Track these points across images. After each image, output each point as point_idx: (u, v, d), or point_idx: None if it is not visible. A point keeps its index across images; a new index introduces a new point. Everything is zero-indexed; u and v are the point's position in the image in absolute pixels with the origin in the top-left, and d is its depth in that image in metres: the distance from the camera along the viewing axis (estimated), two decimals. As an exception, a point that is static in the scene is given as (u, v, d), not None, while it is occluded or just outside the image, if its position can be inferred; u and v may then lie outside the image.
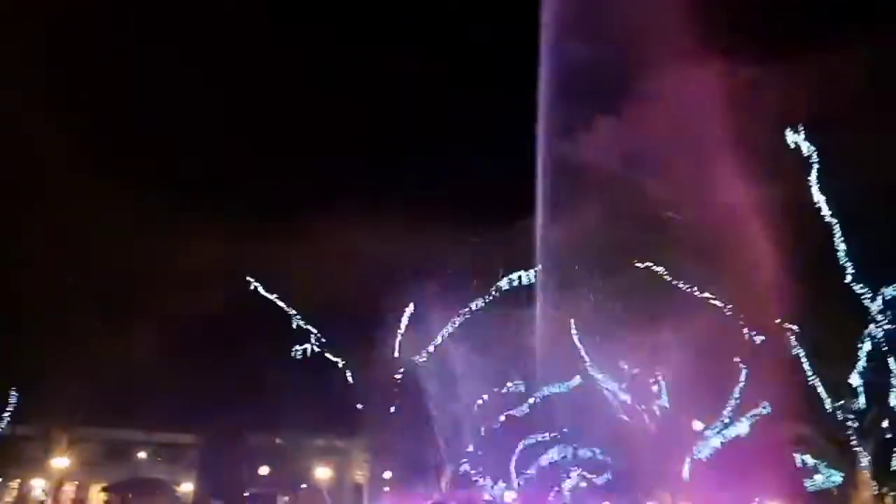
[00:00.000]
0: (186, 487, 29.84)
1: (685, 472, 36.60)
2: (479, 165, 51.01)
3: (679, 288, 37.03)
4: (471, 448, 40.82)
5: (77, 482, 20.47)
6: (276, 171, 52.36)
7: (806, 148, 34.86)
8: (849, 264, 34.27)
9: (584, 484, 40.86)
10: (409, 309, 46.89)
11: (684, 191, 35.14)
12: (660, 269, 37.60)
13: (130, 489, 26.15)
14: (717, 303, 36.45)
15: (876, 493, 36.60)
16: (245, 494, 24.19)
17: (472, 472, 40.35)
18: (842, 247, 34.37)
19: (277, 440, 28.41)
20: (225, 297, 37.57)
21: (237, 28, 52.24)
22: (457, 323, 46.30)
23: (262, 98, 53.11)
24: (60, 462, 20.68)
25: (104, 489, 26.00)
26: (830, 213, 34.56)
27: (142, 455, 22.49)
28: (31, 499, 20.58)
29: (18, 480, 20.42)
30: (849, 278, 34.25)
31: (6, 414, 37.77)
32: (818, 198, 34.68)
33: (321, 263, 41.77)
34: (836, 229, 34.44)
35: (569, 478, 40.33)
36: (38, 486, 20.89)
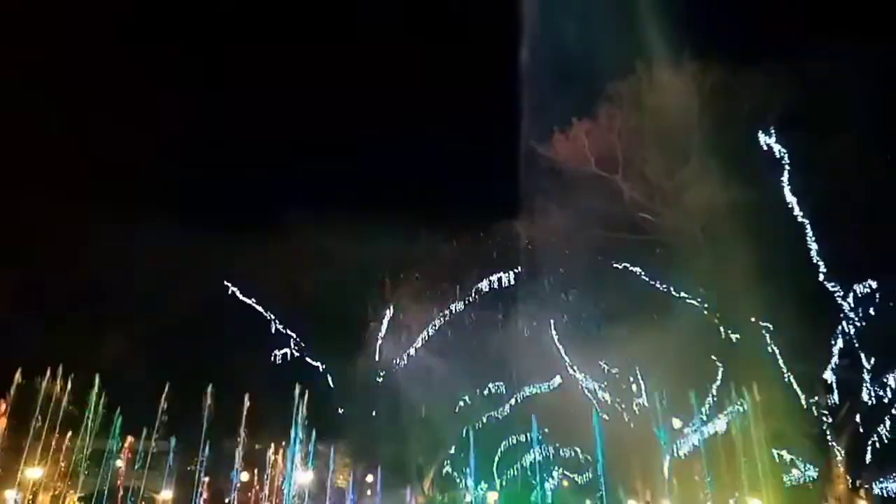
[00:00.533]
0: (166, 495, 29.55)
1: (665, 469, 37.00)
2: (457, 169, 51.30)
3: (656, 288, 37.48)
4: (453, 450, 40.86)
5: (53, 492, 20.13)
6: (254, 174, 52.17)
7: (777, 149, 35.53)
8: (821, 263, 34.95)
9: (565, 483, 41.15)
10: (389, 312, 46.88)
11: (659, 192, 35.61)
12: (636, 269, 38.03)
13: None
14: (693, 302, 36.95)
15: (851, 486, 37.27)
16: (226, 501, 23.96)
17: (455, 473, 40.44)
18: (814, 246, 35.06)
19: (257, 445, 28.19)
20: (202, 302, 37.29)
21: (208, 21, 52.05)
22: (437, 325, 46.38)
23: (237, 98, 52.90)
24: (35, 472, 20.31)
25: (80, 499, 25.61)
26: (802, 213, 35.25)
27: (119, 463, 22.18)
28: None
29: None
30: (821, 276, 34.93)
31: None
32: (790, 198, 35.34)
33: (300, 268, 41.60)
34: (808, 229, 35.12)
35: (551, 477, 40.58)
36: (10, 497, 20.46)
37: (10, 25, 35.59)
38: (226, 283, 42.30)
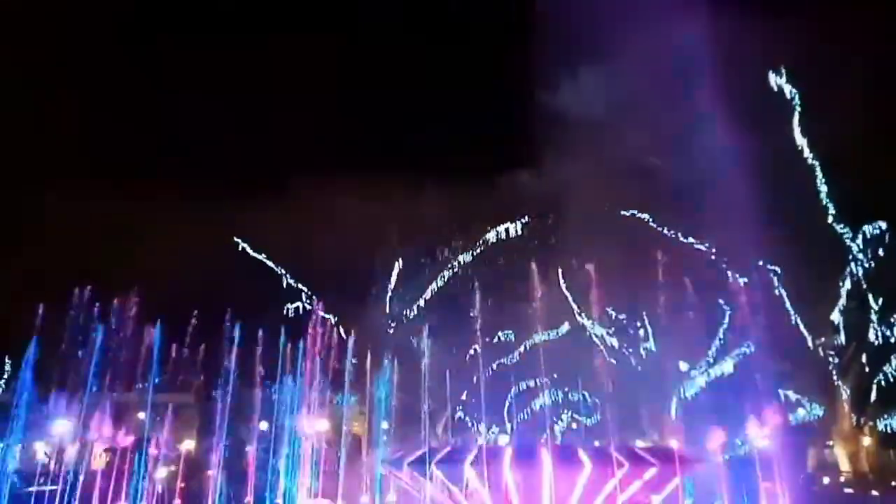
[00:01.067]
0: (189, 445, 30.52)
1: (672, 411, 37.75)
2: (463, 120, 50.69)
3: (664, 234, 37.55)
4: (465, 397, 41.70)
5: (79, 444, 20.83)
6: (262, 132, 51.85)
7: (788, 90, 35.02)
8: (830, 205, 34.88)
9: (574, 426, 42.04)
10: (398, 265, 47.21)
11: (669, 137, 35.28)
12: (644, 215, 38.03)
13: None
14: (701, 247, 37.07)
15: (855, 424, 38.06)
16: (246, 449, 24.72)
17: (467, 419, 41.39)
18: (823, 188, 34.92)
19: (274, 396, 28.87)
20: (214, 259, 37.64)
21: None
22: (445, 277, 46.72)
23: (245, 58, 52.10)
24: (62, 425, 20.98)
25: (106, 450, 26.44)
26: (812, 155, 34.98)
27: (142, 416, 22.89)
28: (36, 461, 20.94)
29: (20, 445, 20.68)
30: (830, 219, 34.91)
31: (2, 381, 38.24)
32: (800, 140, 35.02)
33: (309, 223, 41.74)
34: (818, 171, 34.92)
35: (560, 420, 41.45)
36: (40, 449, 21.21)
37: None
38: (235, 238, 42.62)
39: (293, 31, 53.41)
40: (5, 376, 38.23)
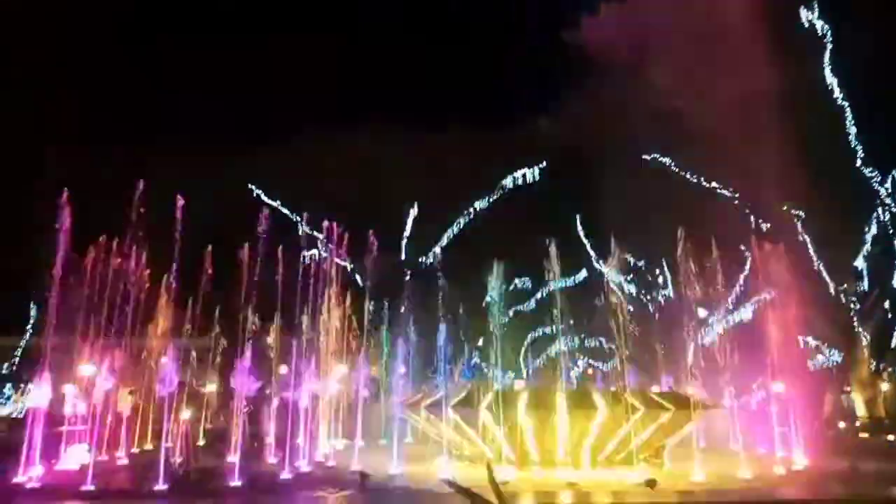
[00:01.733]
0: (211, 387, 31.39)
1: (689, 357, 37.82)
2: (484, 62, 49.34)
3: (687, 178, 36.75)
4: (481, 342, 42.16)
5: (105, 387, 21.46)
6: (276, 77, 50.98)
7: (820, 26, 33.43)
8: (859, 148, 33.76)
9: (590, 371, 42.48)
10: (414, 211, 47.02)
11: (693, 78, 34.04)
12: (666, 160, 37.17)
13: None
14: (724, 192, 36.29)
15: (874, 370, 37.94)
16: (267, 391, 25.31)
17: (483, 364, 41.95)
18: (852, 130, 33.72)
19: (294, 341, 29.36)
20: (228, 206, 37.72)
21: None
22: (461, 223, 46.53)
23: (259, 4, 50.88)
24: (88, 369, 21.53)
25: (131, 392, 27.28)
26: (842, 95, 33.65)
27: (164, 360, 23.42)
28: (65, 403, 21.64)
29: (49, 387, 21.34)
30: (858, 162, 33.86)
31: (29, 326, 39.40)
32: (830, 80, 33.65)
33: (323, 169, 41.47)
34: (848, 112, 33.66)
35: (575, 366, 41.85)
36: (69, 391, 21.87)
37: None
38: (250, 185, 42.57)
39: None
40: (31, 321, 39.36)
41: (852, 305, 36.23)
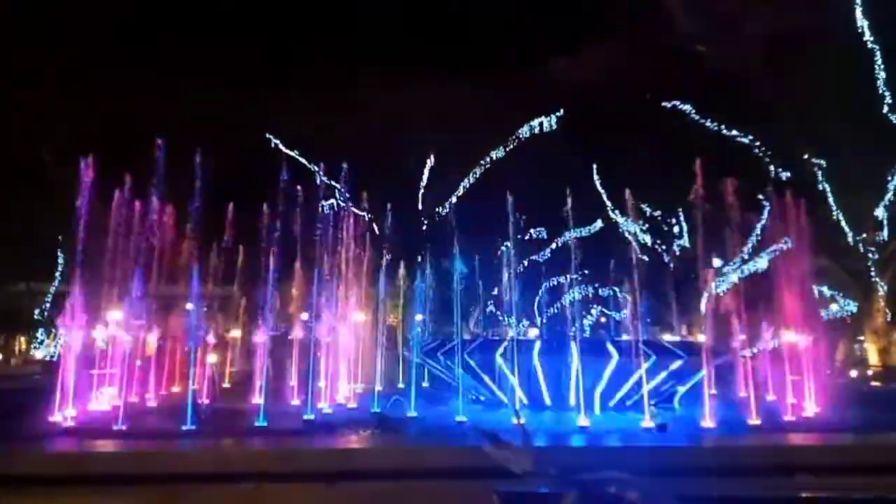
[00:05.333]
0: (235, 334, 32.36)
1: (702, 307, 38.02)
2: (494, 7, 48.03)
3: (704, 125, 36.14)
4: (496, 291, 42.65)
5: (133, 331, 22.23)
6: (288, 24, 50.14)
7: (852, -35, 32.11)
8: (887, 93, 32.83)
9: (603, 320, 42.94)
10: (430, 161, 46.88)
11: (714, 18, 33.02)
12: (686, 106, 36.49)
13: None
14: (744, 140, 35.69)
15: (890, 320, 37.94)
16: (289, 337, 26.08)
17: (498, 313, 42.55)
18: (882, 75, 32.73)
19: (314, 288, 30.01)
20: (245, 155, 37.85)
21: None
22: (478, 173, 46.36)
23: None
24: (116, 315, 22.23)
25: (158, 339, 28.23)
26: (872, 39, 32.51)
27: (190, 306, 24.14)
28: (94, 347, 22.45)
29: (79, 331, 22.16)
30: (885, 108, 33.00)
31: (57, 273, 40.46)
32: (861, 22, 32.47)
33: (339, 118, 41.28)
34: (878, 56, 32.60)
35: (589, 315, 42.29)
36: (98, 336, 22.65)
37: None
38: (268, 135, 42.57)
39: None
40: (60, 268, 40.38)
41: (871, 255, 35.97)
